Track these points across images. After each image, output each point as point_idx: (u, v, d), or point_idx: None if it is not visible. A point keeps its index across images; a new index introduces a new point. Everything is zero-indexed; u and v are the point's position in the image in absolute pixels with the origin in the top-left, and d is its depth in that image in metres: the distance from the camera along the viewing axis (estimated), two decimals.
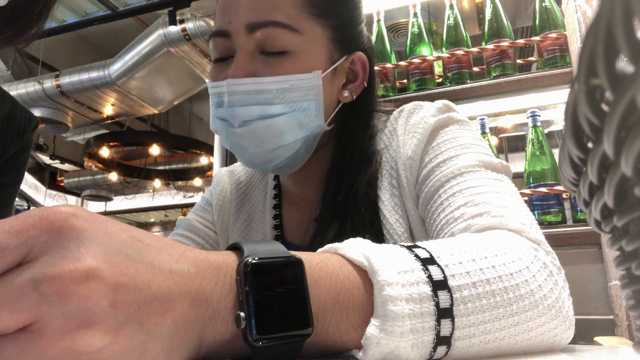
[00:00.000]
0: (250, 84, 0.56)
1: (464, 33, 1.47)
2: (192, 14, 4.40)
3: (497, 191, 0.50)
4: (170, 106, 6.33)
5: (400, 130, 0.63)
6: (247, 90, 0.56)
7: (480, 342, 0.33)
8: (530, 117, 1.37)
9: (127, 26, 5.58)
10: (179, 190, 8.62)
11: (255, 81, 0.56)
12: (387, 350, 0.30)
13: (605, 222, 0.25)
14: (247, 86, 0.56)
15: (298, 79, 0.56)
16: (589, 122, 0.21)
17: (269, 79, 0.56)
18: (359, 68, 0.65)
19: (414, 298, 0.31)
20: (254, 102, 0.56)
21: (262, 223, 0.73)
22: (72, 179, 8.90)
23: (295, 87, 0.56)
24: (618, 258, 0.25)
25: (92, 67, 5.58)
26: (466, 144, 0.57)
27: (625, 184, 0.21)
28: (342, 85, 0.64)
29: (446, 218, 0.50)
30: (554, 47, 1.35)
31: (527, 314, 0.35)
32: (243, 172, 0.82)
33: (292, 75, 0.56)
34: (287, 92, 0.56)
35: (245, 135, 0.58)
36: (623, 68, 0.18)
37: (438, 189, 0.54)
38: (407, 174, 0.59)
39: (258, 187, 0.78)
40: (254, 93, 0.56)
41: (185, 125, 8.26)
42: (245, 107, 0.56)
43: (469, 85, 1.39)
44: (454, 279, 0.34)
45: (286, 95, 0.56)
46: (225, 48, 0.60)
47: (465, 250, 0.37)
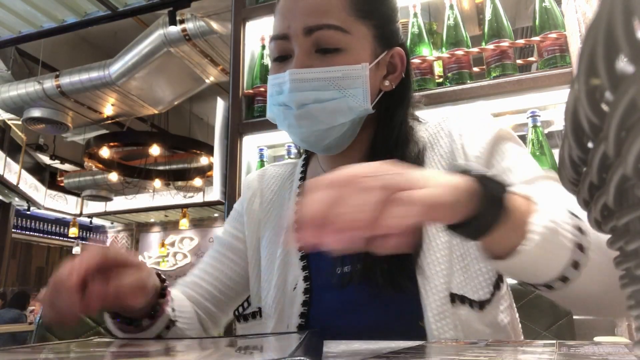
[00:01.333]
0: (308, 72, 0.67)
1: (464, 33, 1.47)
2: (192, 14, 4.40)
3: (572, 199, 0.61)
4: (170, 106, 6.33)
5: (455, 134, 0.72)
6: (306, 78, 0.67)
7: None
8: (530, 117, 1.37)
9: (127, 26, 5.58)
10: (179, 190, 8.61)
11: (312, 71, 0.67)
12: None
13: (605, 222, 0.25)
14: (306, 75, 0.67)
15: (349, 69, 0.67)
16: (589, 122, 0.21)
17: (324, 69, 0.67)
18: (398, 61, 0.74)
19: None
20: (311, 88, 0.67)
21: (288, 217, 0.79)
22: (72, 179, 8.90)
23: (346, 76, 0.67)
24: (618, 258, 0.25)
25: (92, 67, 5.58)
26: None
27: (625, 184, 0.21)
28: (384, 76, 0.73)
29: None
30: (554, 47, 1.34)
31: None
32: (273, 175, 0.87)
33: (344, 65, 0.67)
34: (339, 80, 0.67)
35: (303, 116, 0.68)
36: (623, 68, 0.18)
37: None
38: None
39: (286, 184, 0.85)
40: (311, 80, 0.67)
41: (185, 126, 8.26)
42: (304, 92, 0.67)
43: (469, 85, 1.39)
44: None
45: (338, 83, 0.67)
46: (283, 48, 0.70)
47: None
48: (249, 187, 0.87)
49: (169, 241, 10.96)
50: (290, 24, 0.68)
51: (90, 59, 5.75)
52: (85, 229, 10.72)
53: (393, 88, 0.73)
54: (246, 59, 1.75)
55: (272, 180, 0.86)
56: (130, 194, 8.94)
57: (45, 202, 8.77)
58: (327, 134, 0.69)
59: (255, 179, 0.88)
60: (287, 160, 0.92)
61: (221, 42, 4.70)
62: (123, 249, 0.67)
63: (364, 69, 0.67)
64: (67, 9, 4.62)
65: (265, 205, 0.84)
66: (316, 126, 0.68)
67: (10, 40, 5.08)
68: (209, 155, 6.79)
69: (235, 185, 1.62)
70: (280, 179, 0.86)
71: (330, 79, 0.66)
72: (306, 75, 0.67)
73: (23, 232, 9.34)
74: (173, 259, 10.82)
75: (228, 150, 1.66)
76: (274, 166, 0.90)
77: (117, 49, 5.40)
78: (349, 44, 0.67)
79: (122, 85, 5.52)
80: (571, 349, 0.41)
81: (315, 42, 0.67)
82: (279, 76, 0.70)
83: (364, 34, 0.69)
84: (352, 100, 0.67)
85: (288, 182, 0.85)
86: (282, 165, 0.90)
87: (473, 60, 1.47)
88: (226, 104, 1.74)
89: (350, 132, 0.71)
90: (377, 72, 0.71)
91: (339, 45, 0.67)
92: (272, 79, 0.71)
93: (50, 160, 8.44)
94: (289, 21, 0.69)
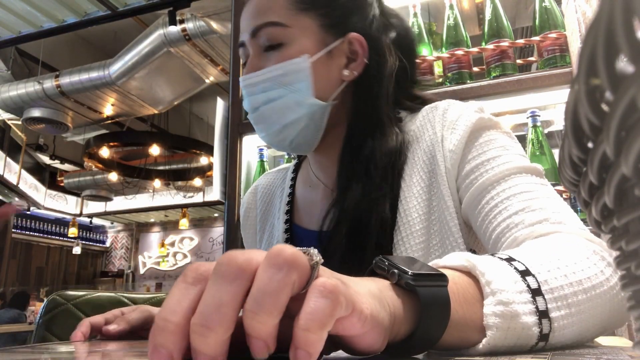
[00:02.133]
0: (254, 77, 0.67)
1: (464, 33, 1.47)
2: (192, 14, 4.40)
3: (547, 196, 0.57)
4: (170, 106, 6.33)
5: (438, 125, 0.69)
6: (254, 82, 0.68)
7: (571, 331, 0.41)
8: (530, 117, 1.37)
9: (127, 26, 5.58)
10: (178, 190, 8.62)
11: (257, 74, 0.67)
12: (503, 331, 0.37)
13: (605, 222, 0.24)
14: (253, 79, 0.68)
15: (288, 64, 0.66)
16: (589, 122, 0.21)
17: (266, 70, 0.67)
18: (357, 47, 0.70)
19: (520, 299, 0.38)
20: (260, 90, 0.67)
21: (278, 218, 0.80)
22: (72, 179, 8.90)
23: (287, 72, 0.66)
24: (618, 258, 0.25)
25: (92, 67, 5.58)
26: (506, 145, 0.65)
27: (625, 184, 0.21)
28: (345, 65, 0.70)
29: (506, 222, 0.56)
30: (554, 47, 1.35)
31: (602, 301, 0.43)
32: (265, 186, 0.89)
33: (283, 62, 0.66)
34: (281, 77, 0.66)
35: (257, 119, 0.69)
36: (623, 68, 0.18)
37: (488, 189, 0.61)
38: (448, 164, 0.65)
39: (277, 193, 0.86)
40: (258, 83, 0.67)
41: (185, 125, 8.27)
42: (254, 96, 0.68)
43: (469, 85, 1.39)
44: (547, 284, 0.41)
45: (281, 80, 0.66)
46: (246, 55, 0.71)
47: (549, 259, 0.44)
48: (243, 204, 0.90)
49: (169, 241, 10.96)
50: (244, 30, 0.70)
51: (90, 59, 5.75)
52: (85, 229, 10.73)
53: (355, 76, 0.70)
54: None
55: (265, 190, 0.88)
56: (130, 194, 8.94)
57: (45, 202, 8.77)
58: (286, 133, 0.69)
59: (249, 194, 0.90)
60: (281, 166, 0.93)
61: (221, 42, 4.70)
62: None
63: (305, 60, 0.66)
64: (67, 9, 4.62)
65: (260, 216, 0.86)
66: (271, 127, 0.69)
67: (10, 40, 5.08)
68: (209, 155, 6.79)
69: (235, 185, 1.62)
70: (271, 187, 0.88)
71: (274, 77, 0.66)
72: (253, 79, 0.67)
73: (23, 232, 9.34)
74: (173, 259, 10.82)
75: (228, 150, 1.66)
76: (266, 175, 0.91)
77: (117, 49, 5.40)
78: (289, 37, 0.67)
79: (122, 85, 5.51)
80: (566, 349, 0.41)
81: (261, 42, 0.68)
82: None
83: (307, 25, 0.68)
84: (298, 95, 0.66)
85: (279, 189, 0.86)
86: (275, 172, 0.91)
87: (473, 60, 1.47)
88: (226, 104, 1.74)
89: (313, 127, 0.69)
90: (330, 62, 0.69)
91: (279, 40, 0.67)
92: None
93: (50, 160, 8.44)
94: (243, 28, 0.71)
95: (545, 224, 0.53)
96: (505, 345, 0.37)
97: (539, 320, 0.38)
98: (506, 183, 0.60)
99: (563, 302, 0.40)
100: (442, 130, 0.68)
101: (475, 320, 0.37)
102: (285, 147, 0.71)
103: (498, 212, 0.58)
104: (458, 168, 0.65)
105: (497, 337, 0.36)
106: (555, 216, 0.54)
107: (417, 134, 0.71)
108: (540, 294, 0.39)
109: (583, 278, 0.43)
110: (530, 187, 0.58)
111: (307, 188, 0.81)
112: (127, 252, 11.39)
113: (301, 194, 0.81)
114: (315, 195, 0.78)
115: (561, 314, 0.40)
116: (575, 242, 0.48)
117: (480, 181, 0.62)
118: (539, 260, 0.43)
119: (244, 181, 1.65)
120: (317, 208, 0.76)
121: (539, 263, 0.42)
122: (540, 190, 0.58)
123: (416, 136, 0.71)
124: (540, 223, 0.53)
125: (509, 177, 0.60)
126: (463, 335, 0.36)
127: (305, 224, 0.77)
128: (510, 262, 0.41)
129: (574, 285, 0.42)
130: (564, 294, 0.41)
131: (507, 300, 0.37)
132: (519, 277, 0.40)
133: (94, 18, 4.64)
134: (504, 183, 0.60)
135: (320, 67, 0.67)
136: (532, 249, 0.47)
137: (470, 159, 0.65)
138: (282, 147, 0.72)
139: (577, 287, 0.42)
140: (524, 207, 0.56)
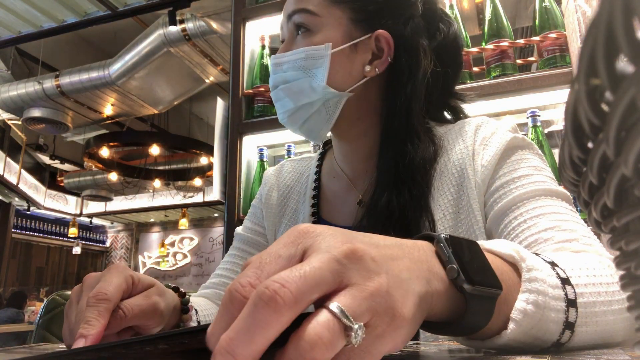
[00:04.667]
0: (280, 57, 0.72)
1: (464, 33, 1.47)
2: (192, 14, 4.40)
3: (577, 222, 0.59)
4: (170, 106, 6.33)
5: (469, 140, 0.70)
6: (279, 62, 0.72)
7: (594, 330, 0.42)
8: (530, 117, 1.37)
9: (127, 26, 5.57)
10: (178, 191, 8.61)
11: (283, 55, 0.72)
12: None
13: (605, 222, 0.24)
14: (279, 58, 0.72)
15: (310, 50, 0.69)
16: (589, 122, 0.21)
17: (291, 52, 0.71)
18: (384, 45, 0.72)
19: None
20: (282, 70, 0.72)
21: (302, 212, 0.81)
22: (72, 179, 8.89)
23: (308, 57, 0.69)
24: (618, 258, 0.25)
25: (92, 67, 5.58)
26: (537, 166, 0.66)
27: (625, 184, 0.21)
28: (369, 61, 0.72)
29: (534, 237, 0.57)
30: (554, 47, 1.34)
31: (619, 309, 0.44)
32: (289, 170, 0.89)
33: (307, 47, 0.70)
34: (302, 61, 0.70)
35: (276, 96, 0.73)
36: (623, 68, 0.18)
37: (518, 205, 0.61)
38: (478, 179, 0.66)
39: (301, 180, 0.87)
40: (282, 64, 0.72)
41: (185, 125, 8.26)
42: (277, 75, 0.72)
43: (469, 85, 1.39)
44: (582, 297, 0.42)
45: (301, 64, 0.70)
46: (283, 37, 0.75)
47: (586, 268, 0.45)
48: (266, 182, 0.90)
49: (169, 241, 10.96)
50: (284, 12, 0.75)
51: (90, 59, 5.75)
52: (85, 229, 10.72)
53: (377, 73, 0.71)
54: (246, 59, 1.75)
55: (289, 175, 0.88)
56: (130, 194, 8.94)
57: (45, 202, 8.77)
58: (298, 115, 0.72)
59: (273, 174, 0.90)
60: (305, 155, 0.94)
61: (221, 42, 4.70)
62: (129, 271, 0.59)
63: (327, 49, 0.69)
64: (67, 9, 4.62)
65: (282, 199, 0.86)
66: (285, 106, 0.72)
67: (10, 40, 5.08)
68: (209, 155, 6.78)
69: (235, 185, 1.62)
70: (296, 173, 0.88)
71: (295, 60, 0.70)
72: (279, 59, 0.72)
73: (23, 232, 9.34)
74: (173, 259, 10.82)
75: (228, 150, 1.66)
76: (290, 161, 0.92)
77: (117, 49, 5.39)
78: (318, 25, 0.70)
79: (122, 85, 5.51)
80: None
81: (294, 26, 0.72)
82: None
83: (337, 17, 0.71)
84: (312, 80, 0.69)
85: (304, 177, 0.86)
86: (299, 160, 0.92)
87: (473, 60, 1.47)
88: (226, 104, 1.74)
89: (325, 114, 0.71)
90: (354, 55, 0.70)
91: (309, 27, 0.70)
92: None
93: (50, 160, 8.43)
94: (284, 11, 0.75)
95: (575, 243, 0.54)
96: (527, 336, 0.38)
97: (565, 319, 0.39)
98: (536, 202, 0.60)
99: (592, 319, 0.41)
100: (473, 145, 0.69)
101: (506, 312, 0.37)
102: (297, 128, 0.74)
103: (527, 227, 0.58)
104: (488, 184, 0.66)
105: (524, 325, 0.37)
106: (585, 239, 0.55)
107: (447, 146, 0.72)
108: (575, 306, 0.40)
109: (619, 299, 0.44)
110: (560, 210, 0.59)
111: (330, 178, 0.82)
112: (127, 252, 11.39)
113: (326, 183, 0.82)
114: (339, 187, 0.79)
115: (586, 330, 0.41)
116: (606, 262, 0.49)
117: (509, 197, 0.62)
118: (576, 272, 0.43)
119: (244, 181, 1.65)
120: (340, 200, 0.78)
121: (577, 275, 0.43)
122: (570, 215, 0.59)
123: (446, 149, 0.72)
124: (569, 242, 0.54)
125: (539, 197, 0.61)
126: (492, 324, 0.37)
127: (330, 217, 0.78)
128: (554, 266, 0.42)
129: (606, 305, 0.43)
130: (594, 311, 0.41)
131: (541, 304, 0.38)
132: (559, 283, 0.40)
133: (94, 18, 4.64)
134: (534, 202, 0.60)
135: (341, 58, 0.70)
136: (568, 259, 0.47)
137: (501, 174, 0.65)
138: (294, 128, 0.75)
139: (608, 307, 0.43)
140: (553, 226, 0.56)
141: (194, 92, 6.01)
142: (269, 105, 1.65)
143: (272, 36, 1.76)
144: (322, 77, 0.69)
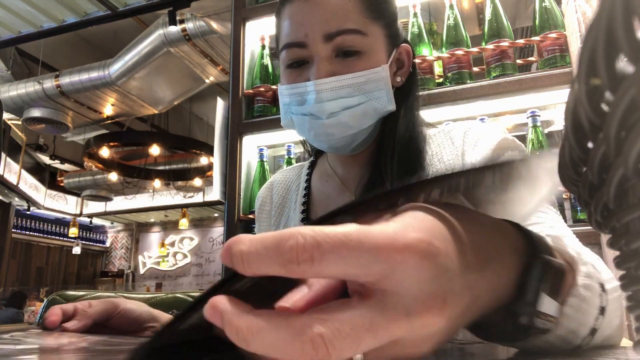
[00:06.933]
0: (334, 81, 0.67)
1: (464, 33, 1.47)
2: (192, 14, 4.40)
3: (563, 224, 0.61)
4: (170, 106, 6.33)
5: (458, 141, 0.71)
6: (333, 87, 0.67)
7: None
8: (530, 117, 1.37)
9: (127, 26, 5.58)
10: (178, 191, 8.61)
11: (338, 79, 0.67)
12: None
13: (605, 222, 0.24)
14: (332, 83, 0.67)
15: (371, 73, 0.68)
16: (589, 122, 0.21)
17: (349, 76, 0.67)
18: (405, 57, 0.75)
19: None
20: (339, 96, 0.67)
21: (293, 218, 0.82)
22: (72, 179, 8.90)
23: (370, 80, 0.68)
24: (618, 258, 0.25)
25: (92, 67, 5.58)
26: None
27: (625, 184, 0.21)
28: (394, 72, 0.74)
29: None
30: (554, 47, 1.35)
31: None
32: (280, 181, 0.90)
33: (367, 70, 0.67)
34: (363, 85, 0.67)
35: (333, 124, 0.68)
36: (623, 68, 0.18)
37: None
38: None
39: (292, 188, 0.87)
40: (337, 89, 0.67)
41: (185, 125, 8.26)
42: (332, 101, 0.67)
43: (469, 85, 1.39)
44: None
45: (363, 88, 0.67)
46: (298, 55, 0.70)
47: None
48: (259, 198, 0.91)
49: (168, 241, 10.96)
50: (308, 31, 0.68)
51: (90, 59, 5.75)
52: (85, 229, 10.73)
53: (403, 82, 0.75)
54: (246, 59, 1.75)
55: (280, 186, 0.90)
56: (130, 194, 8.94)
57: (45, 202, 8.77)
58: (355, 138, 0.71)
59: (265, 189, 0.92)
60: (297, 164, 0.95)
61: (221, 42, 4.70)
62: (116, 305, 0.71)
63: (385, 70, 0.69)
64: (67, 9, 4.62)
65: (275, 210, 0.88)
66: (347, 132, 0.69)
67: (10, 40, 5.08)
68: (209, 155, 6.78)
69: (235, 185, 1.62)
70: (287, 183, 0.89)
71: (356, 84, 0.67)
72: (333, 84, 0.67)
73: (23, 232, 9.34)
74: (173, 259, 10.82)
75: (228, 150, 1.66)
76: (281, 172, 0.93)
77: (117, 49, 5.40)
78: (367, 46, 0.68)
79: (122, 85, 5.51)
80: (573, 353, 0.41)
81: (335, 48, 0.67)
82: (298, 86, 0.69)
83: (378, 35, 0.70)
84: (377, 102, 0.69)
85: (294, 185, 0.87)
86: (290, 170, 0.92)
87: (473, 60, 1.47)
88: (226, 104, 1.74)
89: (374, 131, 0.73)
90: (390, 70, 0.73)
91: (359, 49, 0.67)
92: (290, 88, 0.70)
93: (50, 160, 8.43)
94: (305, 29, 0.68)
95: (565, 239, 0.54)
96: None
97: None
98: None
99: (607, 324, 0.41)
100: (462, 145, 0.71)
101: None
102: (347, 150, 0.73)
103: None
104: None
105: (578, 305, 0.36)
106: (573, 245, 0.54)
107: (434, 150, 0.74)
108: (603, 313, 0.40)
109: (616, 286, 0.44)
110: (546, 211, 0.60)
111: (322, 182, 0.83)
112: (127, 252, 11.39)
113: (317, 187, 0.83)
114: (331, 189, 0.80)
115: None
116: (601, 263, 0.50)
117: None
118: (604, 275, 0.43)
119: (244, 181, 1.65)
120: (333, 202, 0.78)
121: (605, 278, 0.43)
122: (556, 218, 0.61)
123: (434, 152, 0.73)
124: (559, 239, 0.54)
125: None
126: None
127: None
128: None
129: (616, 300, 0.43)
130: None
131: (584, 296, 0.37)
132: None
133: (94, 18, 4.64)
134: None
135: None
136: None
137: None
138: (344, 150, 0.74)
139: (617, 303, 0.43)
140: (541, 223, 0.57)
141: (194, 92, 6.01)
142: (269, 105, 1.65)
143: (272, 36, 1.76)
144: (389, 99, 0.69)
